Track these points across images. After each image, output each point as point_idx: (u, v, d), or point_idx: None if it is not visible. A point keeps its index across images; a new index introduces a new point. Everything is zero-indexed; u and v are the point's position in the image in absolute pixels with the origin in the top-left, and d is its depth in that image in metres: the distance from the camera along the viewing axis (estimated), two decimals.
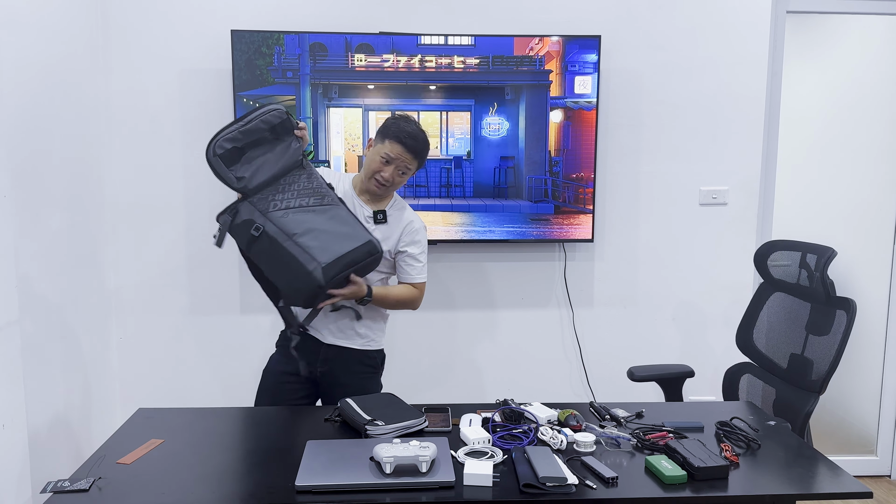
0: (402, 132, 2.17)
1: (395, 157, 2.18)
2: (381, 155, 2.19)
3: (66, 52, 2.72)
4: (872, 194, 3.34)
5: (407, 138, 2.17)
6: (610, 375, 3.31)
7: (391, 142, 2.18)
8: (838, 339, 2.17)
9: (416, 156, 2.20)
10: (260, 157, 2.03)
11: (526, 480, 1.57)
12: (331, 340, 2.26)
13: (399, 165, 2.19)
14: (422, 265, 2.33)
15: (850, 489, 1.61)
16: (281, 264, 2.01)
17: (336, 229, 2.05)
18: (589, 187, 3.12)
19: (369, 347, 2.31)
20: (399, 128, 2.18)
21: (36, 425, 2.49)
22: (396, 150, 2.17)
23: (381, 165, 2.19)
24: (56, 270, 2.64)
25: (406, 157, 2.18)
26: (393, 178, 2.21)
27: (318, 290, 2.00)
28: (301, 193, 2.07)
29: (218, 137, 2.00)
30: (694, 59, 3.20)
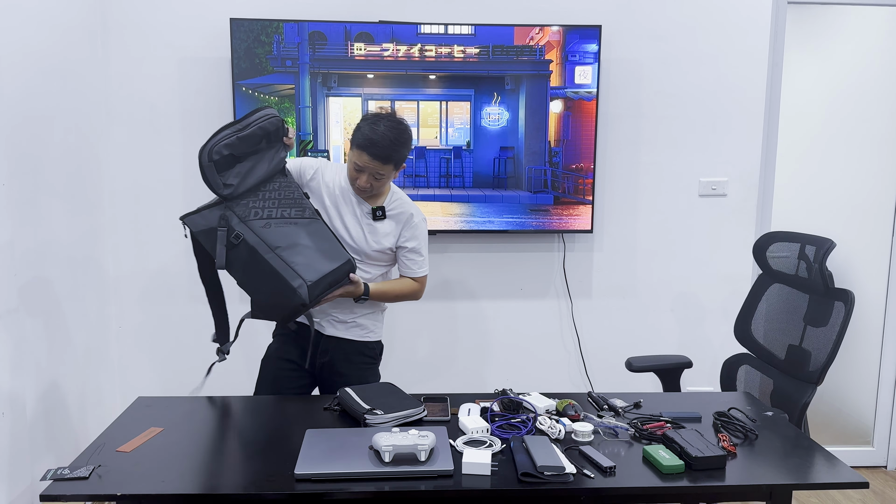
0: (365, 140, 2.09)
1: (364, 166, 2.11)
2: (353, 164, 2.14)
3: (64, 41, 2.70)
4: (872, 186, 3.34)
5: (369, 146, 2.08)
6: (608, 366, 3.32)
7: (357, 150, 2.12)
8: (836, 330, 2.17)
9: (385, 160, 2.11)
10: (249, 164, 1.99)
11: (524, 469, 1.57)
12: (331, 332, 2.26)
13: (370, 172, 2.12)
14: (423, 259, 2.32)
15: (846, 479, 1.62)
16: (261, 276, 1.95)
17: (318, 245, 2.01)
18: (588, 178, 3.12)
19: (368, 339, 2.32)
20: (363, 135, 2.11)
21: (35, 414, 2.49)
22: (363, 159, 2.10)
23: (355, 173, 2.15)
24: (55, 260, 2.64)
25: (374, 165, 2.10)
26: (370, 185, 2.15)
27: (301, 308, 1.96)
28: (282, 203, 2.02)
29: (215, 142, 1.94)
30: (695, 49, 3.19)
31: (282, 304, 1.96)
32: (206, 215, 1.99)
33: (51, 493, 1.50)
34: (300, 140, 2.99)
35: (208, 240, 1.98)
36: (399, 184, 3.05)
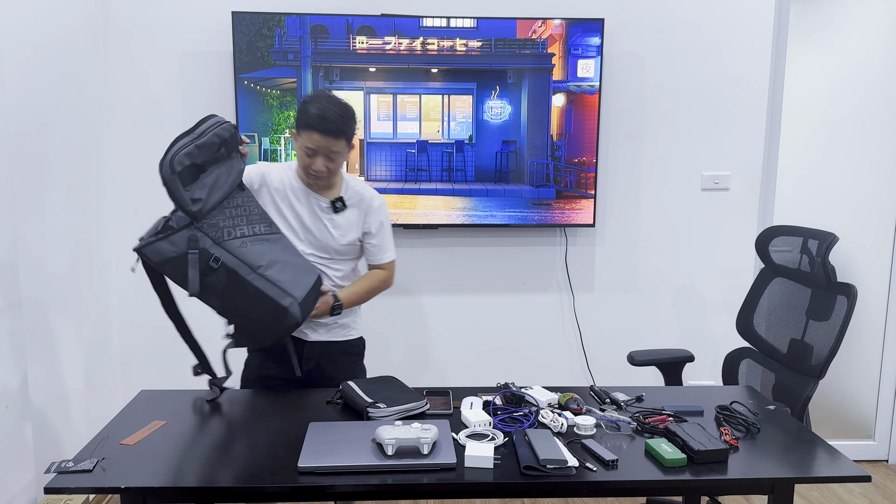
0: (311, 118, 2.00)
1: (317, 147, 2.02)
2: (303, 148, 2.05)
3: (66, 35, 2.70)
4: (874, 180, 3.33)
5: (319, 123, 2.00)
6: (610, 360, 3.32)
7: (305, 132, 2.03)
8: (838, 324, 2.17)
9: (336, 135, 2.02)
10: (212, 176, 1.84)
11: (526, 463, 1.58)
12: (314, 338, 2.21)
13: (323, 152, 2.04)
14: (389, 243, 2.25)
15: (848, 473, 1.62)
16: (245, 300, 1.85)
17: (294, 260, 1.94)
18: (591, 172, 3.11)
19: (351, 337, 2.29)
20: (308, 115, 2.02)
21: (39, 406, 2.50)
22: (314, 139, 2.01)
23: (308, 158, 2.05)
24: (58, 252, 2.64)
25: (326, 143, 2.02)
26: (325, 168, 2.06)
27: (295, 327, 1.90)
28: (251, 219, 1.91)
29: (174, 152, 1.79)
30: (697, 43, 3.18)
31: (273, 326, 1.89)
32: (174, 241, 1.82)
33: (55, 486, 1.51)
34: None
35: (175, 268, 1.82)
36: (401, 177, 3.06)
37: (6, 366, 2.29)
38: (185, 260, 1.82)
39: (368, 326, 3.25)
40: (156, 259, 1.83)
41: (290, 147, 2.99)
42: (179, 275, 1.83)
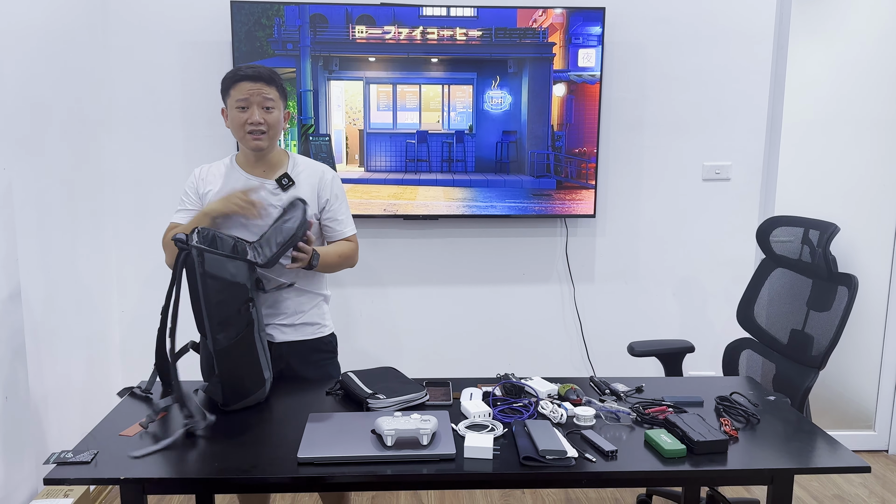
0: (236, 72, 1.99)
1: (248, 95, 1.96)
2: (235, 106, 1.98)
3: (64, 25, 2.69)
4: (876, 171, 3.32)
5: (244, 70, 1.98)
6: (610, 350, 3.32)
7: (234, 87, 1.98)
8: (839, 315, 2.16)
9: (268, 82, 1.99)
10: (270, 230, 1.94)
11: (526, 453, 1.58)
12: (281, 338, 2.11)
13: (258, 101, 1.97)
14: (348, 216, 2.18)
15: (848, 464, 1.61)
16: (242, 356, 1.83)
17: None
18: (591, 162, 3.10)
19: (322, 334, 2.18)
20: (231, 73, 2.01)
21: (39, 398, 2.50)
22: (244, 88, 1.97)
23: (242, 113, 1.98)
24: (57, 244, 2.64)
25: (256, 87, 1.96)
26: (263, 118, 1.98)
27: (256, 402, 1.87)
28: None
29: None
30: (699, 32, 3.16)
31: (248, 390, 1.85)
32: (238, 266, 1.83)
33: (54, 477, 1.51)
34: (301, 124, 2.98)
35: (220, 290, 1.78)
36: (401, 168, 3.05)
37: (6, 357, 2.29)
38: (237, 289, 1.81)
39: (368, 317, 3.26)
40: (210, 270, 1.77)
41: (289, 137, 2.98)
42: (218, 298, 1.78)
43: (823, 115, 3.34)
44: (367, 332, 3.27)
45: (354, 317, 3.26)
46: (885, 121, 3.29)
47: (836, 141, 3.35)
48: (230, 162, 2.12)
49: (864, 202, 3.35)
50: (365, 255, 3.21)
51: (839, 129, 3.34)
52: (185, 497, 2.88)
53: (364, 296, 3.25)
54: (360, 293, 3.24)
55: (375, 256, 3.22)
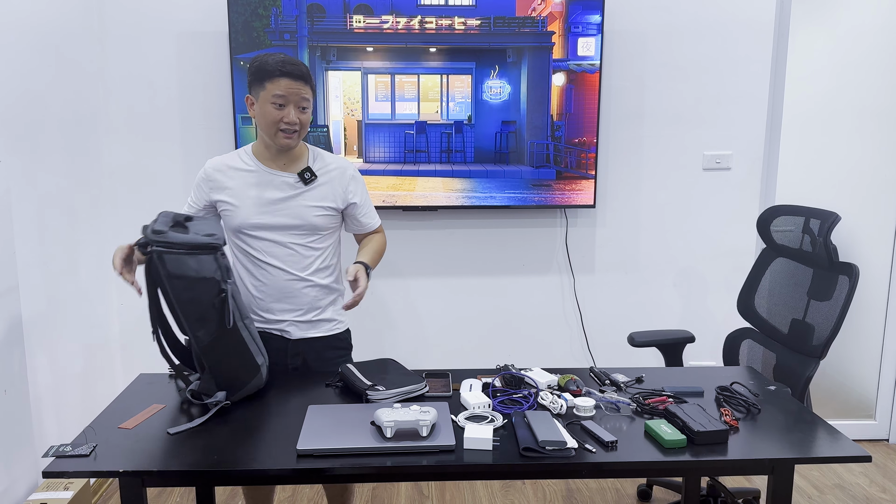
0: (276, 66, 1.90)
1: (287, 94, 1.91)
2: (271, 101, 1.92)
3: (60, 16, 2.67)
4: (877, 160, 3.31)
5: (285, 67, 1.90)
6: (610, 341, 3.32)
7: (274, 80, 1.91)
8: (840, 304, 2.16)
9: (307, 81, 1.94)
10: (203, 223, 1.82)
11: (526, 444, 1.57)
12: (298, 335, 2.11)
13: (295, 100, 1.93)
14: (373, 209, 2.20)
15: (849, 453, 1.61)
16: (228, 347, 1.79)
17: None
18: (591, 152, 3.09)
19: (338, 330, 2.18)
20: (269, 65, 1.91)
21: (38, 391, 2.50)
22: (283, 84, 1.90)
23: (278, 111, 1.92)
24: (55, 236, 2.63)
25: (297, 87, 1.92)
26: (298, 118, 1.95)
27: (256, 389, 1.85)
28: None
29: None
30: (699, 20, 3.14)
31: (243, 381, 1.83)
32: (201, 261, 1.73)
33: (53, 470, 1.50)
34: None
35: (186, 288, 1.71)
36: (399, 159, 3.03)
37: (5, 350, 2.29)
38: (205, 283, 1.72)
39: (367, 309, 3.25)
40: (173, 270, 1.70)
41: None
42: (187, 297, 1.72)
43: (824, 104, 3.32)
44: (366, 323, 3.27)
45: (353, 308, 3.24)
46: (885, 110, 3.27)
47: (837, 130, 3.33)
48: (247, 153, 2.07)
49: (865, 191, 3.33)
50: None
51: (840, 117, 3.33)
52: (184, 490, 2.89)
53: None
54: None
55: None
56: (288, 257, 2.05)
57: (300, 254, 2.06)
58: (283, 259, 2.05)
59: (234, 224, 2.03)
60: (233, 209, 2.02)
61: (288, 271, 2.06)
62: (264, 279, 2.06)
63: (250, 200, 2.02)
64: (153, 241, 1.69)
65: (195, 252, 1.72)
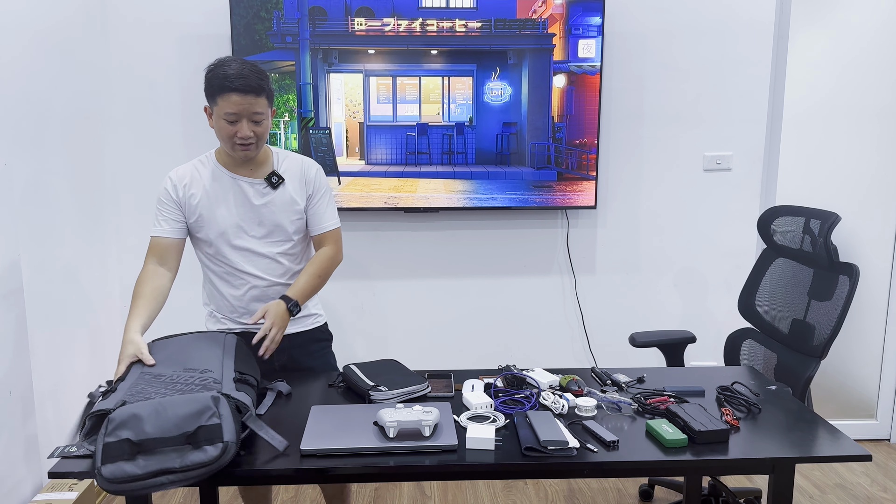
0: (226, 80, 1.83)
1: (238, 110, 1.85)
2: (224, 116, 1.86)
3: (63, 18, 2.68)
4: (877, 160, 3.31)
5: (235, 80, 1.83)
6: (611, 341, 3.32)
7: (222, 98, 1.85)
8: (840, 304, 2.16)
9: (258, 92, 1.86)
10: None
11: (527, 444, 1.58)
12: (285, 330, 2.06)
13: (247, 115, 1.87)
14: (331, 209, 2.11)
15: (850, 453, 1.62)
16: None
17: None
18: (592, 153, 3.10)
19: (319, 324, 2.20)
20: (220, 78, 1.85)
21: (43, 392, 2.51)
22: (233, 100, 1.84)
23: (232, 126, 1.87)
24: (58, 237, 2.64)
25: (247, 102, 1.85)
26: (253, 132, 1.89)
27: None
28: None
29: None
30: (699, 22, 3.15)
31: None
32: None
33: (59, 471, 1.51)
34: (301, 118, 2.97)
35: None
36: (401, 161, 3.04)
37: (9, 352, 2.30)
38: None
39: (370, 310, 3.26)
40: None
41: (290, 130, 2.98)
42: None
43: (824, 104, 3.33)
44: (368, 324, 3.28)
45: (356, 310, 3.26)
46: (885, 110, 3.28)
47: (837, 130, 3.34)
48: (211, 161, 2.03)
49: (866, 191, 3.34)
50: (366, 248, 3.22)
51: (840, 118, 3.34)
52: (188, 490, 2.90)
53: (365, 289, 3.25)
54: (362, 286, 3.25)
55: (376, 249, 3.22)
56: (265, 265, 2.04)
57: (276, 261, 2.05)
58: (259, 267, 2.04)
59: (208, 237, 2.01)
60: (204, 221, 2.00)
61: (265, 278, 2.05)
62: (240, 287, 2.05)
63: (222, 210, 1.99)
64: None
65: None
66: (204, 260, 2.09)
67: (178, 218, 2.01)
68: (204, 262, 2.09)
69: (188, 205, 2.00)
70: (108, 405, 1.52)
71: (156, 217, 2.03)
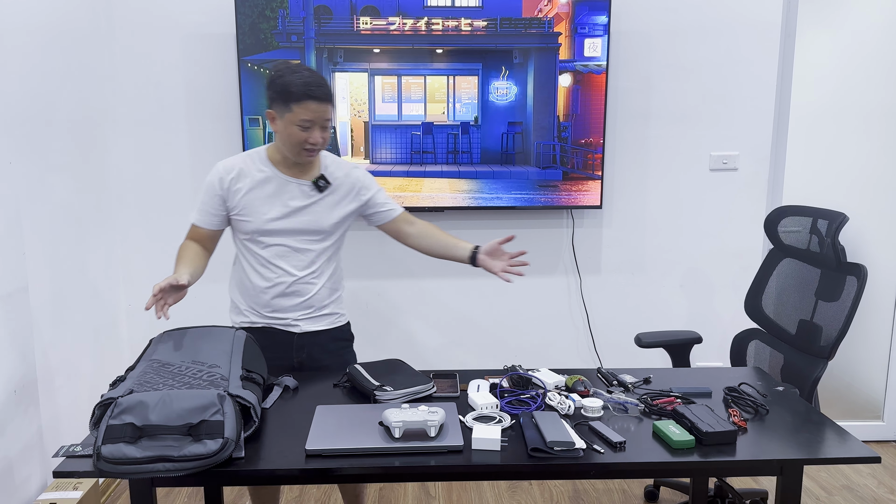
0: (303, 89, 1.90)
1: (314, 117, 1.93)
2: (298, 123, 1.93)
3: (68, 17, 2.68)
4: (884, 160, 3.30)
5: (314, 89, 1.91)
6: (617, 341, 3.31)
7: (299, 104, 1.91)
8: (848, 305, 2.15)
9: (330, 101, 1.96)
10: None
11: (534, 445, 1.57)
12: (305, 328, 2.14)
13: (320, 122, 1.95)
14: (389, 198, 2.19)
15: (858, 454, 1.60)
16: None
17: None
18: (598, 153, 3.09)
19: (340, 323, 2.23)
20: (296, 86, 1.90)
21: (47, 391, 2.51)
22: (311, 108, 1.91)
23: (304, 133, 1.94)
24: (63, 237, 2.64)
25: (322, 109, 1.93)
26: (323, 138, 1.98)
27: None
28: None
29: None
30: (705, 21, 3.13)
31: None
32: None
33: (63, 470, 1.51)
34: None
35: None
36: (406, 160, 3.04)
37: (14, 351, 2.30)
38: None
39: (374, 310, 3.26)
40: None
41: None
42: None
43: (831, 104, 3.32)
44: (373, 324, 3.28)
45: (361, 309, 3.26)
46: (893, 109, 3.26)
47: (845, 130, 3.33)
48: (261, 157, 2.07)
49: (873, 191, 3.32)
50: (371, 247, 3.21)
51: (847, 118, 3.32)
52: (193, 490, 2.90)
53: (370, 288, 3.25)
54: (367, 286, 3.24)
55: (381, 249, 3.21)
56: (297, 260, 2.09)
57: (309, 258, 2.10)
58: (291, 262, 2.08)
59: (248, 229, 2.06)
60: (247, 215, 2.04)
61: (295, 274, 2.09)
62: (271, 279, 2.09)
63: (266, 207, 2.04)
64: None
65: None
66: (240, 248, 2.13)
67: (217, 211, 2.07)
68: (240, 250, 2.13)
69: (233, 197, 2.05)
70: (116, 393, 1.54)
71: (197, 205, 2.09)
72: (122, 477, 1.45)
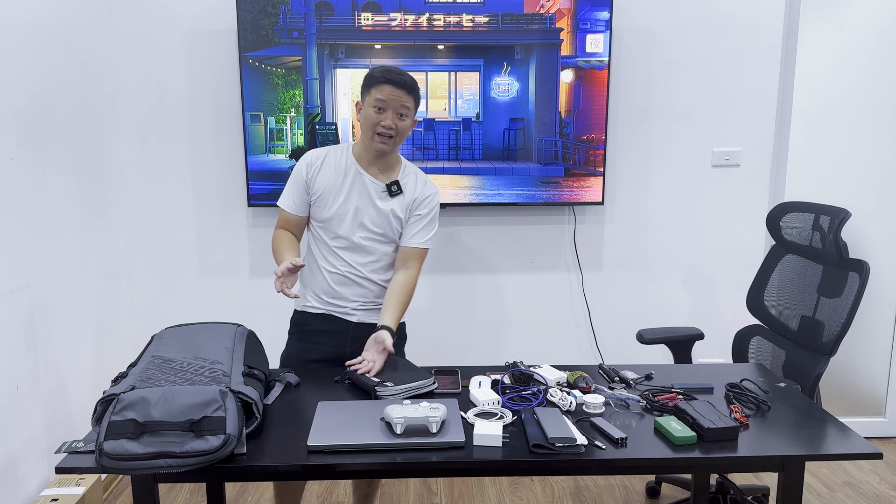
0: (381, 73, 2.01)
1: (388, 100, 2.00)
2: (373, 105, 2.01)
3: (69, 13, 2.68)
4: (886, 156, 3.29)
5: (392, 75, 2.00)
6: (619, 338, 3.31)
7: (378, 86, 2.00)
8: (850, 301, 2.15)
9: (409, 91, 2.02)
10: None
11: (535, 441, 1.57)
12: (360, 319, 2.19)
13: (395, 107, 2.01)
14: (432, 231, 2.20)
15: (860, 450, 1.60)
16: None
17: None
18: (600, 149, 3.08)
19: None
20: (377, 72, 2.02)
21: (49, 387, 2.52)
22: (386, 91, 1.99)
23: (378, 115, 2.01)
24: (64, 234, 2.65)
25: (398, 95, 2.00)
26: (395, 124, 2.02)
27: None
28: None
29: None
30: (708, 17, 3.12)
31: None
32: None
33: (66, 465, 1.52)
34: (308, 113, 2.97)
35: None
36: (408, 156, 3.04)
37: (16, 347, 2.30)
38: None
39: None
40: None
41: (295, 126, 2.97)
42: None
43: (834, 100, 3.31)
44: None
45: None
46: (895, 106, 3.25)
47: (847, 126, 3.32)
48: (347, 151, 2.15)
49: (875, 187, 3.32)
50: None
51: (849, 113, 3.31)
52: (195, 485, 2.90)
53: None
54: None
55: None
56: (359, 255, 2.15)
57: (370, 254, 2.15)
58: (353, 255, 2.14)
59: (321, 216, 2.13)
60: (323, 202, 2.12)
61: (355, 267, 2.15)
62: (335, 268, 2.15)
63: (341, 198, 2.11)
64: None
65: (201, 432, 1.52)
66: (313, 233, 2.20)
67: (301, 197, 2.15)
68: (312, 234, 2.21)
69: (313, 184, 2.13)
70: (118, 389, 1.55)
71: (285, 190, 2.18)
72: (125, 473, 1.46)
